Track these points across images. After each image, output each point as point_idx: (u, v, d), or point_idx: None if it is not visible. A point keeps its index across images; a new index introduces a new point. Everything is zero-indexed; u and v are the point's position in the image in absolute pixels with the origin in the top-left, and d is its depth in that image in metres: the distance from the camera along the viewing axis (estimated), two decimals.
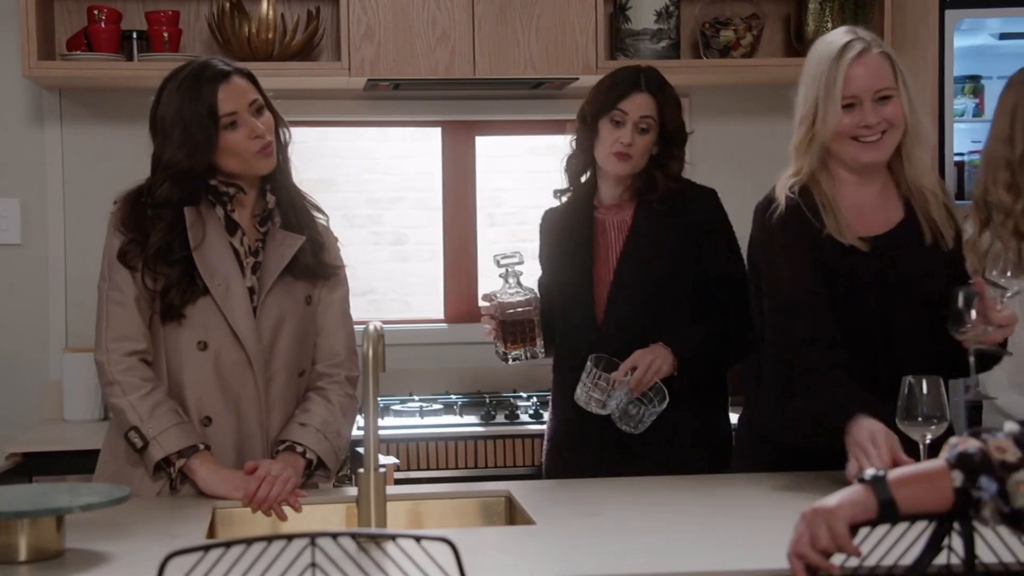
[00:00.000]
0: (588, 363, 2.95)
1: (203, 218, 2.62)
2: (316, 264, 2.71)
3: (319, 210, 2.80)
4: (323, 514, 2.54)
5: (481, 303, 3.12)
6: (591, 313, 3.10)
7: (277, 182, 2.71)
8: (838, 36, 2.66)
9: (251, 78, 2.66)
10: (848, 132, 2.61)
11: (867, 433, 2.39)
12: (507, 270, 3.06)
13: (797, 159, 2.68)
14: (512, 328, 3.06)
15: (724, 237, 3.12)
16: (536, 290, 3.13)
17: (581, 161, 3.18)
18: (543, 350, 3.10)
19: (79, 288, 4.10)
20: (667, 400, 2.93)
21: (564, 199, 3.26)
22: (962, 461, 1.68)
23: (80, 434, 3.73)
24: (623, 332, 3.04)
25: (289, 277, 2.67)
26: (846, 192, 2.67)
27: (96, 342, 2.63)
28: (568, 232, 3.19)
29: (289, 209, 2.71)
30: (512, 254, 3.07)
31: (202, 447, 2.56)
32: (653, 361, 2.94)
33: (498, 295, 3.07)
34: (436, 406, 4.02)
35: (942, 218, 2.66)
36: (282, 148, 2.72)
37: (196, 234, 2.60)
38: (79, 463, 3.51)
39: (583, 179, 3.21)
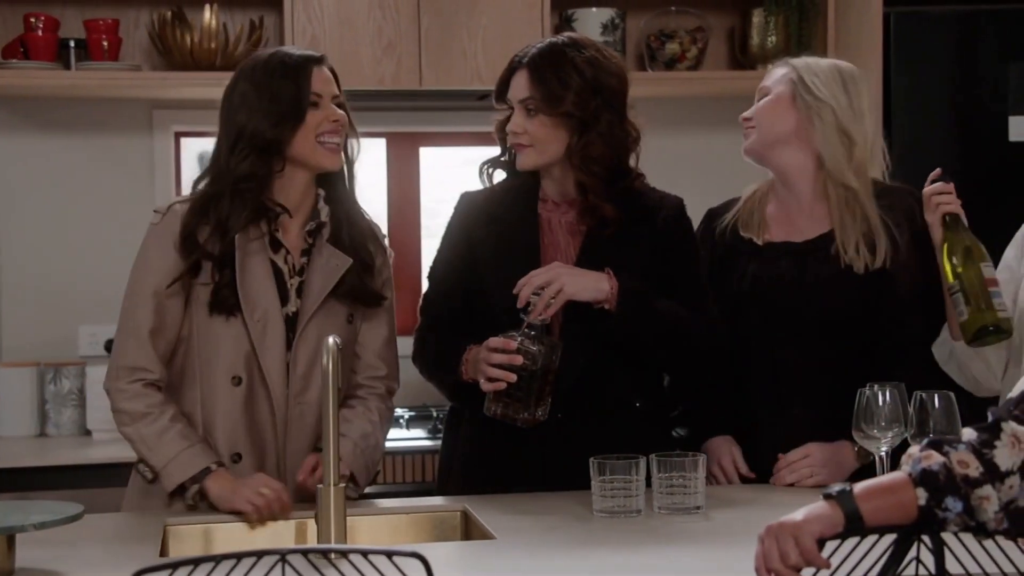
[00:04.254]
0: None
1: (247, 237, 2.52)
2: (361, 288, 2.61)
3: (377, 240, 2.68)
4: (274, 530, 2.49)
5: (494, 351, 2.53)
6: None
7: (336, 193, 2.62)
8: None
9: (335, 76, 2.61)
10: None
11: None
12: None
13: None
14: (531, 382, 2.52)
15: (690, 256, 2.77)
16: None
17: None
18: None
19: (14, 302, 4.03)
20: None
21: (491, 176, 2.84)
22: (926, 479, 1.68)
23: (16, 451, 3.66)
24: (582, 355, 2.64)
25: (331, 299, 2.57)
26: (773, 197, 2.86)
27: (108, 368, 2.55)
28: (505, 225, 2.75)
29: (343, 224, 2.61)
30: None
31: (214, 467, 2.46)
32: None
33: (519, 340, 2.52)
34: None
35: (858, 238, 2.73)
36: (348, 158, 2.63)
37: (240, 259, 2.51)
38: (15, 481, 3.45)
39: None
